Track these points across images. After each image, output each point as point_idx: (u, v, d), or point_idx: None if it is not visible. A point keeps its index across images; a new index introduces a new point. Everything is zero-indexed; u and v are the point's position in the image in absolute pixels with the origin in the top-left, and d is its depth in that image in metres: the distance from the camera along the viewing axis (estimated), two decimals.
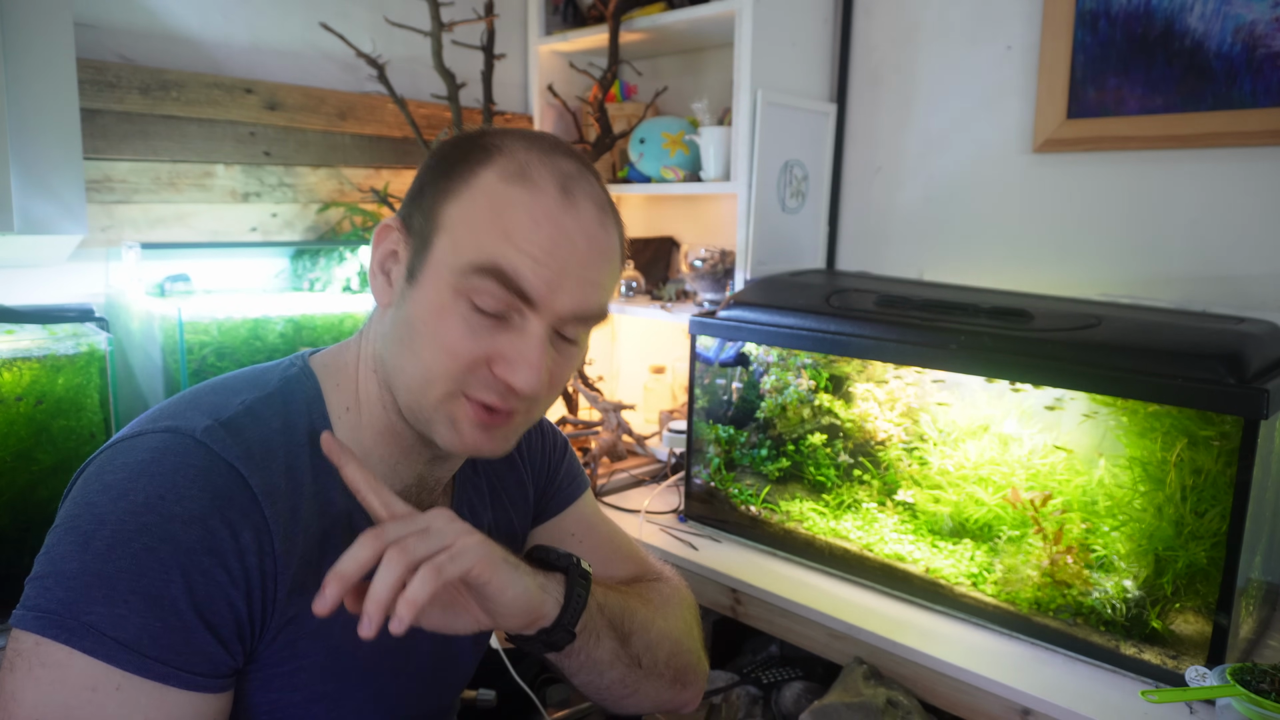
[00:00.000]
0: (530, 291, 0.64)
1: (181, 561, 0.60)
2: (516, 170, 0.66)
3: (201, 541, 0.61)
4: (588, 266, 0.66)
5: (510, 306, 0.65)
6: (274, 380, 0.72)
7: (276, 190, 1.73)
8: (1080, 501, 1.26)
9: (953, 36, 1.74)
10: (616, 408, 1.93)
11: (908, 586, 1.34)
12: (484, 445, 0.69)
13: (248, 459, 0.64)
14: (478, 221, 0.65)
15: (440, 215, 0.67)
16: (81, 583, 0.58)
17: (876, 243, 1.90)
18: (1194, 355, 1.08)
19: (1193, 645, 1.11)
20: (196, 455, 0.63)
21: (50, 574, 0.59)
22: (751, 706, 1.34)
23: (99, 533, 0.59)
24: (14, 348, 1.18)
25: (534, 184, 0.66)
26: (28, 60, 1.22)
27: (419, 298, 0.67)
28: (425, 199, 0.69)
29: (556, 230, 0.65)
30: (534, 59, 2.13)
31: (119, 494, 0.61)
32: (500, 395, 0.67)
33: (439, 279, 0.66)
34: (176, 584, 0.59)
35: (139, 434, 0.65)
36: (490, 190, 0.66)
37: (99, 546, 0.59)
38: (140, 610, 0.58)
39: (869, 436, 1.52)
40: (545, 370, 0.65)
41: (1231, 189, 1.44)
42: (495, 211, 0.65)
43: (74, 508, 0.62)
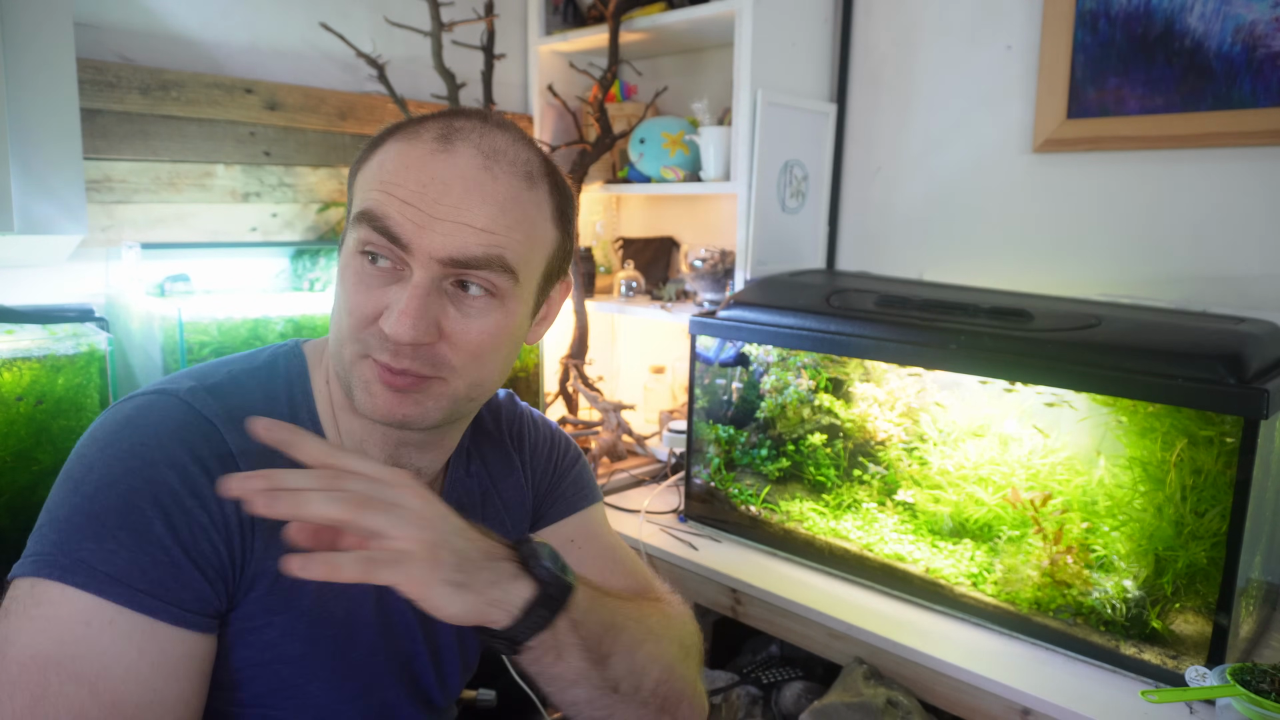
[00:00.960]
0: (398, 233, 0.65)
1: (165, 501, 0.62)
2: (410, 131, 0.69)
3: (183, 484, 0.64)
4: (461, 209, 0.65)
5: (391, 255, 0.66)
6: (263, 355, 0.76)
7: (276, 190, 1.73)
8: (1080, 501, 1.26)
9: (953, 36, 1.74)
10: (616, 408, 1.93)
11: (908, 586, 1.34)
12: (397, 410, 0.68)
13: (227, 419, 0.67)
14: (369, 180, 0.69)
15: (353, 187, 0.72)
16: (73, 524, 0.61)
17: (876, 243, 1.90)
18: (1194, 355, 1.08)
19: (1193, 645, 1.11)
20: (178, 411, 0.67)
21: (45, 522, 0.62)
22: (751, 706, 1.34)
23: (87, 477, 0.63)
24: (14, 348, 1.18)
25: (415, 136, 0.68)
26: (28, 60, 1.22)
27: (341, 269, 0.71)
28: (349, 181, 0.74)
29: (424, 174, 0.66)
30: (534, 59, 2.13)
31: (106, 443, 0.64)
32: (389, 352, 0.66)
33: (344, 242, 0.71)
34: (160, 522, 0.62)
35: (129, 398, 0.69)
36: (382, 155, 0.69)
37: (87, 489, 0.62)
38: (129, 546, 0.60)
39: (869, 436, 1.52)
40: (421, 319, 0.64)
41: (1231, 189, 1.44)
42: (378, 166, 0.68)
43: (67, 462, 0.66)
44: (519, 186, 0.69)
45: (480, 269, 0.66)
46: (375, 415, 0.68)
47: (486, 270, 0.67)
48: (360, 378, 0.68)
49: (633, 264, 2.17)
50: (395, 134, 0.70)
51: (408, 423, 0.69)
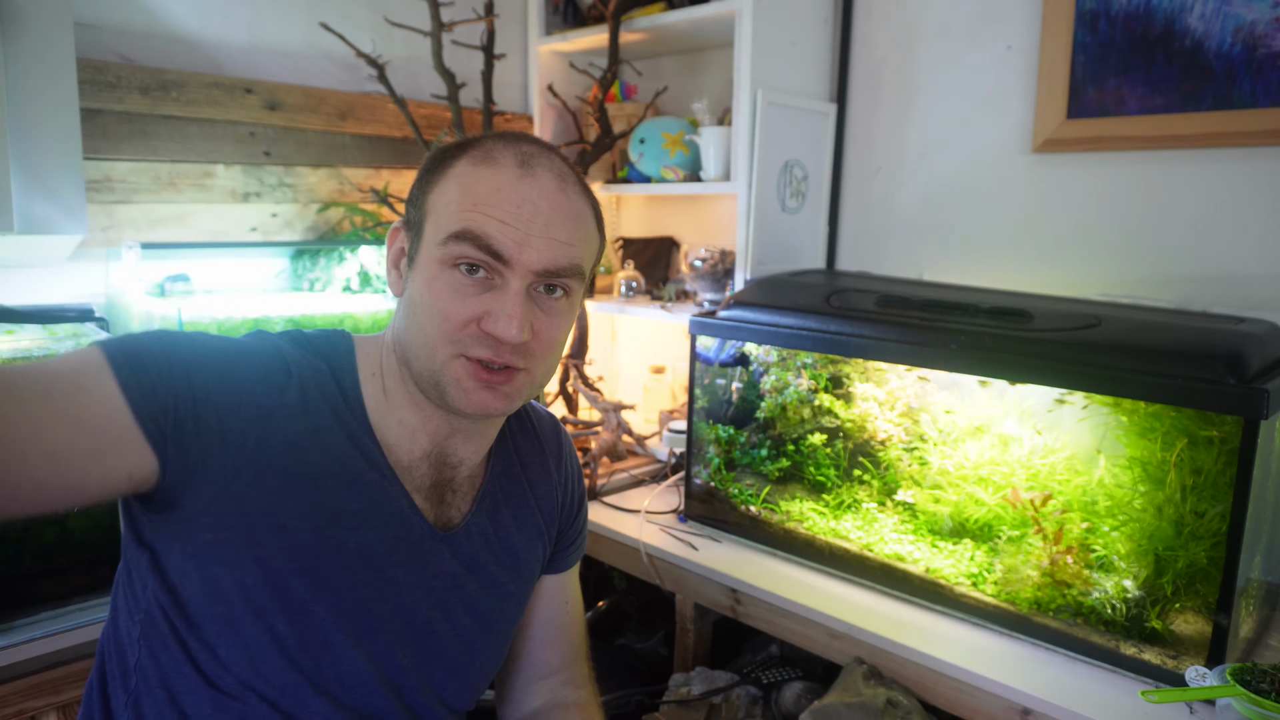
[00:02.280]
0: (501, 249, 0.75)
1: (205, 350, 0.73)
2: (482, 155, 0.79)
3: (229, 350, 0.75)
4: (550, 225, 0.77)
5: (488, 268, 0.76)
6: (312, 332, 0.85)
7: (276, 190, 1.73)
8: (1080, 501, 1.26)
9: (953, 36, 1.74)
10: (616, 408, 1.93)
11: (908, 586, 1.34)
12: (490, 403, 0.78)
13: (289, 343, 0.80)
14: (453, 200, 0.77)
15: (426, 204, 0.80)
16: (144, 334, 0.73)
17: (876, 243, 1.90)
18: (1194, 355, 1.08)
19: (1193, 645, 1.11)
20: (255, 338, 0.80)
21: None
22: (751, 706, 1.34)
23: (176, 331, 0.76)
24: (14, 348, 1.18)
25: (496, 162, 0.78)
26: (28, 60, 1.22)
27: (417, 277, 0.79)
28: (416, 197, 0.82)
29: (517, 195, 0.76)
30: (534, 59, 2.13)
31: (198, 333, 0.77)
32: (492, 349, 0.76)
33: (429, 256, 0.78)
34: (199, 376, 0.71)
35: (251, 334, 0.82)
36: (461, 174, 0.78)
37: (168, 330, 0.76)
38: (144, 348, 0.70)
39: (869, 436, 1.52)
40: (525, 321, 0.76)
41: (1231, 189, 1.44)
42: (465, 189, 0.77)
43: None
44: (582, 203, 0.81)
45: (564, 276, 0.79)
46: (469, 409, 0.78)
47: (568, 277, 0.79)
48: (453, 376, 0.77)
49: (633, 264, 2.17)
50: (463, 157, 0.79)
51: (498, 413, 0.80)
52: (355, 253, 1.71)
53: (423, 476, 0.84)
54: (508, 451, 0.94)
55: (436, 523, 0.84)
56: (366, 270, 1.72)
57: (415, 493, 0.83)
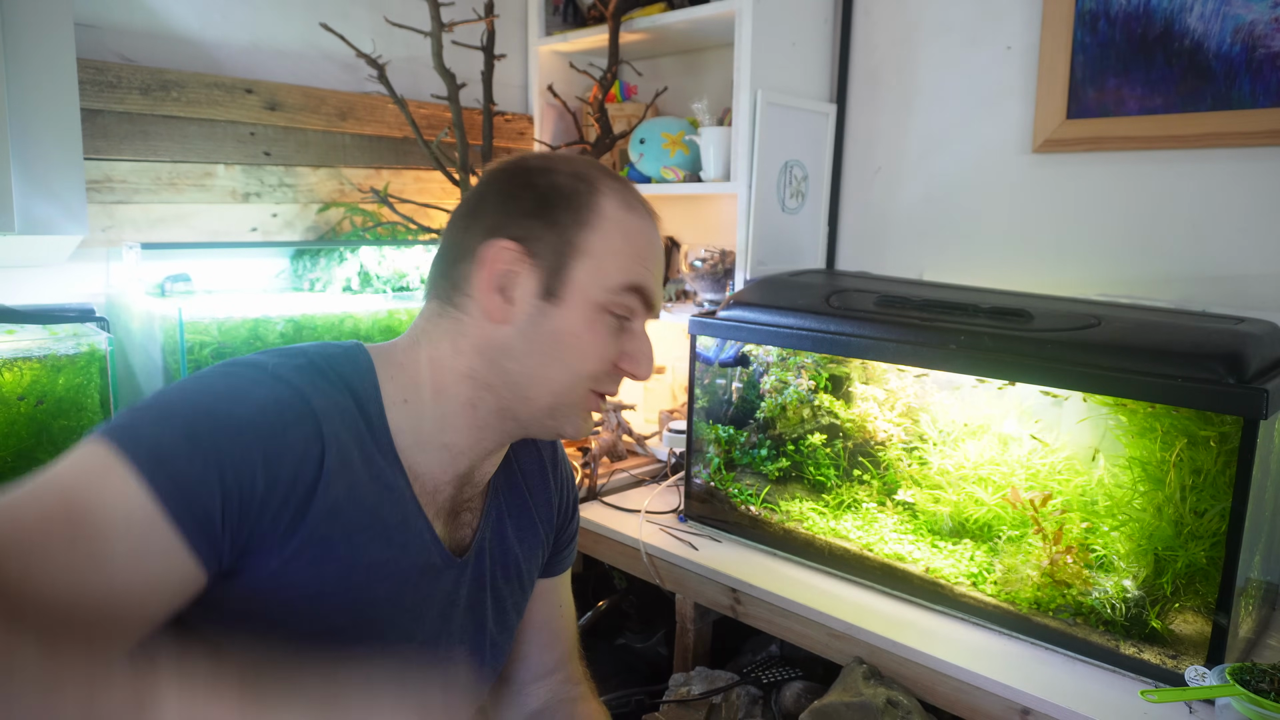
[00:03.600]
0: (655, 302, 0.81)
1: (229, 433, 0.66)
2: (624, 201, 0.79)
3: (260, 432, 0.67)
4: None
5: (636, 314, 0.80)
6: (331, 349, 0.78)
7: (277, 190, 1.73)
8: (1080, 501, 1.27)
9: (953, 36, 1.74)
10: (616, 408, 1.93)
11: (908, 586, 1.34)
12: (588, 427, 0.83)
13: (311, 388, 0.71)
14: (618, 248, 0.77)
15: (578, 242, 0.76)
16: (147, 412, 0.66)
17: (876, 243, 1.90)
18: (1194, 355, 1.08)
19: (1192, 645, 1.11)
20: (268, 379, 0.70)
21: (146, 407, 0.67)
22: (751, 706, 1.34)
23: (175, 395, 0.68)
24: (15, 348, 1.18)
25: (640, 213, 0.80)
26: (28, 60, 1.22)
27: (565, 315, 0.76)
28: (552, 224, 0.76)
29: (658, 248, 0.82)
30: (534, 59, 2.13)
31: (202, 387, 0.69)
32: (617, 384, 0.82)
33: (587, 298, 0.76)
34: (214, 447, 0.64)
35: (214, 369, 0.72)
36: (617, 219, 0.78)
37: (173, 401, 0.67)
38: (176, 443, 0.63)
39: (869, 436, 1.52)
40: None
41: (1231, 189, 1.45)
42: (627, 238, 0.78)
43: (163, 390, 0.69)
44: None
45: None
46: (578, 435, 0.83)
47: None
48: (579, 407, 0.80)
49: None
50: (608, 197, 0.78)
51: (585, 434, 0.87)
52: (355, 253, 1.71)
53: (445, 499, 0.82)
54: (509, 462, 0.92)
55: (452, 547, 0.83)
56: (366, 270, 1.72)
57: (435, 519, 0.80)
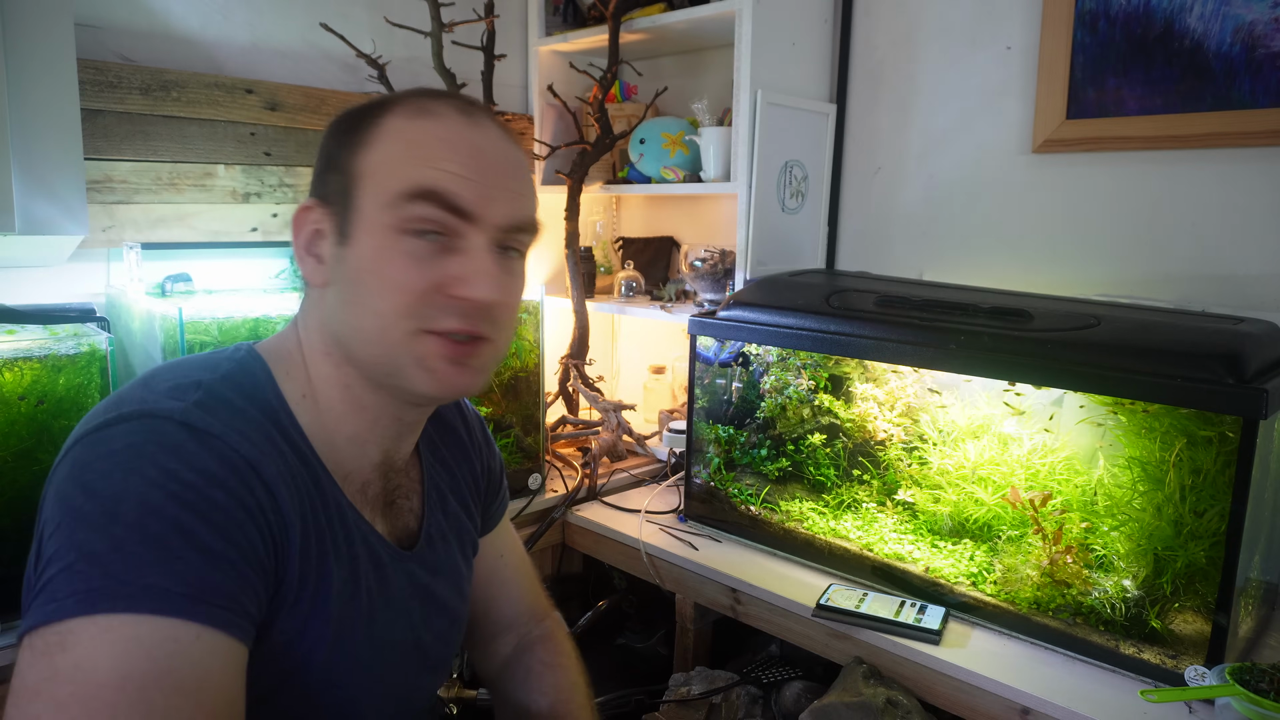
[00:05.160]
0: (466, 205, 0.67)
1: (219, 516, 0.60)
2: (417, 108, 0.70)
3: (229, 498, 0.61)
4: (509, 177, 0.71)
5: (449, 229, 0.68)
6: (223, 364, 0.71)
7: (277, 190, 1.73)
8: (1080, 501, 1.27)
9: (953, 36, 1.74)
10: (616, 408, 1.93)
11: (908, 586, 1.34)
12: (460, 380, 0.70)
13: (228, 431, 0.64)
14: (396, 158, 0.68)
15: (356, 168, 0.69)
16: (124, 553, 0.56)
17: (876, 243, 1.90)
18: (1193, 355, 1.08)
19: (1192, 645, 1.11)
20: (184, 433, 0.62)
21: (78, 559, 0.56)
22: (751, 706, 1.34)
23: (122, 507, 0.58)
24: (15, 348, 1.18)
25: (438, 114, 0.70)
26: (29, 61, 1.22)
27: (357, 252, 0.68)
28: (336, 164, 0.71)
29: (472, 147, 0.69)
30: (534, 59, 2.13)
31: (126, 472, 0.59)
32: (462, 316, 0.68)
33: (373, 224, 0.68)
34: (221, 536, 0.59)
35: (110, 423, 0.63)
36: (398, 129, 0.69)
37: (129, 518, 0.57)
38: (196, 563, 0.58)
39: (869, 436, 1.52)
40: (499, 279, 0.69)
41: (1231, 189, 1.45)
42: (410, 144, 0.68)
43: (69, 501, 0.59)
44: (523, 155, 0.75)
45: (525, 232, 0.72)
46: (437, 391, 0.69)
47: (528, 233, 0.73)
48: (416, 357, 0.68)
49: (633, 264, 2.17)
50: (391, 113, 0.70)
51: (468, 392, 0.72)
52: None
53: (375, 494, 0.77)
54: (428, 436, 0.87)
55: (398, 540, 0.79)
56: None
57: (373, 517, 0.76)
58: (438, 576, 0.84)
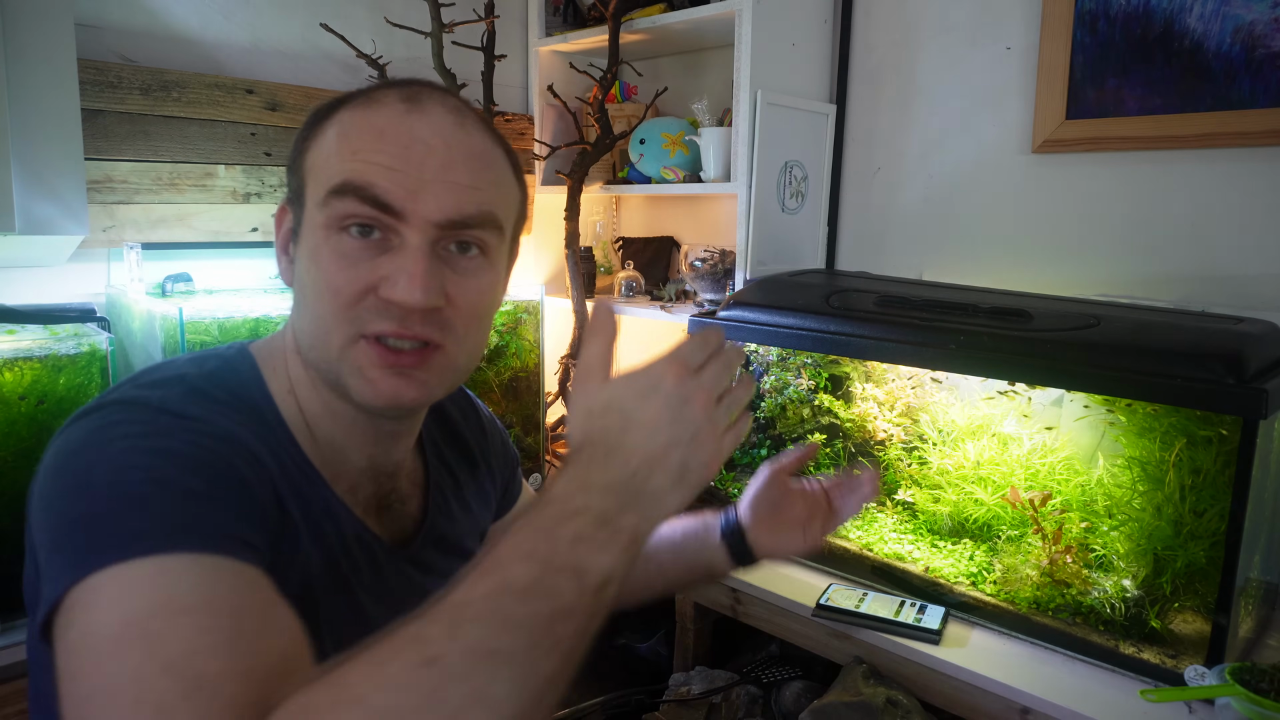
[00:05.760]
0: (390, 200, 0.63)
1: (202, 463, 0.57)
2: (365, 99, 0.67)
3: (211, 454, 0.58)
4: (449, 168, 0.64)
5: (380, 225, 0.64)
6: (210, 360, 0.69)
7: (277, 191, 1.74)
8: (1079, 501, 1.27)
9: (953, 36, 1.74)
10: None
11: (907, 586, 1.34)
12: (402, 392, 0.65)
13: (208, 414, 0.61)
14: (331, 152, 0.65)
15: (305, 165, 0.68)
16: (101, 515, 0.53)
17: (876, 243, 1.90)
18: (1193, 355, 1.08)
19: (1192, 645, 1.11)
20: (161, 416, 0.59)
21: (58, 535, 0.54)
22: (751, 706, 1.34)
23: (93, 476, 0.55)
24: (15, 347, 1.18)
25: (377, 103, 0.66)
26: (29, 61, 1.23)
27: (302, 253, 0.67)
28: (294, 163, 0.69)
29: (404, 136, 0.64)
30: (534, 59, 2.13)
31: (98, 446, 0.56)
32: (396, 320, 0.63)
33: (312, 223, 0.66)
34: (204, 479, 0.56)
35: (89, 410, 0.60)
36: (340, 122, 0.66)
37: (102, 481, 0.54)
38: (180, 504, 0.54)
39: (869, 436, 1.52)
40: (431, 280, 0.63)
41: (1231, 189, 1.45)
42: (344, 137, 0.65)
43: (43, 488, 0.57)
44: (489, 141, 0.69)
45: (475, 228, 0.66)
46: (377, 402, 0.65)
47: (480, 229, 0.66)
48: (353, 364, 0.64)
49: (633, 264, 2.17)
50: (345, 105, 0.67)
51: (413, 405, 0.67)
52: None
53: (367, 496, 0.74)
54: (432, 438, 0.84)
55: (392, 538, 0.76)
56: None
57: (365, 515, 0.73)
58: (436, 576, 0.82)
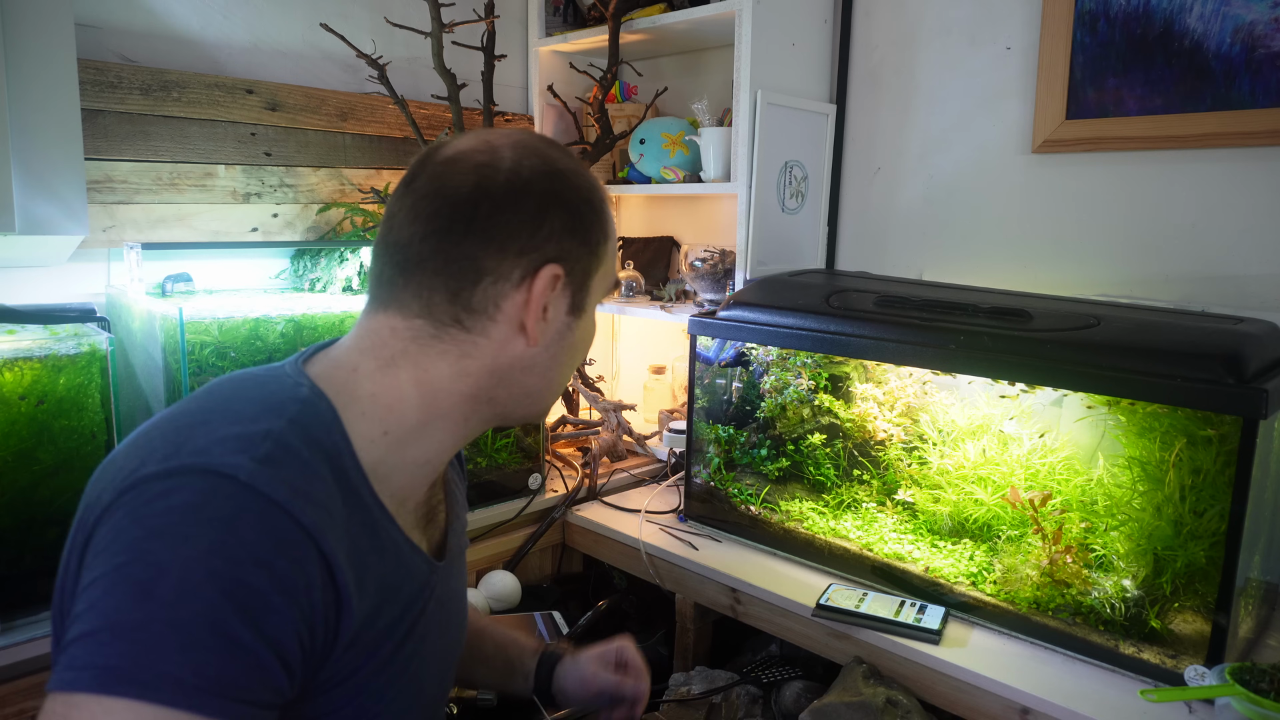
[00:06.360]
0: None
1: (254, 605, 0.58)
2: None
3: (271, 582, 0.59)
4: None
5: None
6: (289, 404, 0.68)
7: (277, 191, 1.74)
8: (1079, 501, 1.27)
9: (953, 36, 1.74)
10: (616, 408, 1.93)
11: (907, 586, 1.34)
12: None
13: (294, 496, 0.62)
14: (613, 251, 0.80)
15: (600, 255, 0.77)
16: (149, 633, 0.55)
17: (876, 243, 1.90)
18: (1193, 355, 1.08)
19: (1192, 645, 1.11)
20: (246, 498, 0.60)
21: (104, 628, 0.55)
22: (751, 706, 1.34)
23: (161, 581, 0.56)
24: (15, 348, 1.18)
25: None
26: (29, 61, 1.23)
27: (585, 325, 0.79)
28: (588, 244, 0.75)
29: None
30: (534, 59, 2.13)
31: (176, 540, 0.57)
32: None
33: (595, 304, 0.79)
34: (250, 629, 0.57)
35: (170, 473, 0.61)
36: (613, 223, 0.80)
37: (164, 596, 0.55)
38: (219, 655, 0.56)
39: (869, 436, 1.52)
40: None
41: (1230, 189, 1.45)
42: (614, 240, 0.80)
43: (120, 554, 0.58)
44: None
45: None
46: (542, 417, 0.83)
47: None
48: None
49: (633, 264, 2.17)
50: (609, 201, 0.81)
51: None
52: (356, 253, 1.71)
53: (419, 509, 0.79)
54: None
55: (433, 552, 0.80)
56: (367, 270, 1.72)
57: (413, 531, 0.77)
58: (457, 584, 0.87)
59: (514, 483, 1.72)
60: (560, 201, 0.72)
